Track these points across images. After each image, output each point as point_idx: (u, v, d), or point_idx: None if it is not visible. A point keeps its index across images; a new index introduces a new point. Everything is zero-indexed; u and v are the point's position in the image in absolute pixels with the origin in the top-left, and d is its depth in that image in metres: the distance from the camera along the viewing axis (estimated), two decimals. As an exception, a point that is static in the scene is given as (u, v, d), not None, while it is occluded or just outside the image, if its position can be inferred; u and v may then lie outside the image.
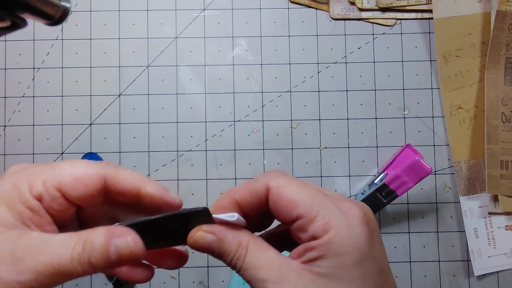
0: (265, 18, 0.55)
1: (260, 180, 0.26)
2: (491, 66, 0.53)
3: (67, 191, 0.25)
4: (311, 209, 0.25)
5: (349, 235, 0.24)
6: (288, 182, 0.26)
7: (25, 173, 0.25)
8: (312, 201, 0.25)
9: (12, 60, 0.54)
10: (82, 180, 0.25)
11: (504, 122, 0.52)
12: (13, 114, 0.54)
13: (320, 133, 0.54)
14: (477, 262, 0.53)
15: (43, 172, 0.25)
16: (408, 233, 0.53)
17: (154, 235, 0.26)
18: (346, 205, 0.25)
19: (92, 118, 0.54)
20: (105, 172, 0.26)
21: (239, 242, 0.25)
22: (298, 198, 0.25)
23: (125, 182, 0.26)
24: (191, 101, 0.54)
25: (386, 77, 0.55)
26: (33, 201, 0.25)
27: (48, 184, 0.25)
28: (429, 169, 0.47)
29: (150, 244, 0.26)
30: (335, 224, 0.24)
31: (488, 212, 0.53)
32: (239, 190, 0.27)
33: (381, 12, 0.55)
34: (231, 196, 0.27)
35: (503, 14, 0.52)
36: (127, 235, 0.24)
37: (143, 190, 0.26)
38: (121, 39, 0.55)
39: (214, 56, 0.55)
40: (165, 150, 0.54)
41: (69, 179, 0.25)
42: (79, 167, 0.26)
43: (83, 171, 0.26)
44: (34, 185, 0.25)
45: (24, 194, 0.24)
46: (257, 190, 0.26)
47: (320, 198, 0.25)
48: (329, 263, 0.24)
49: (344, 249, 0.24)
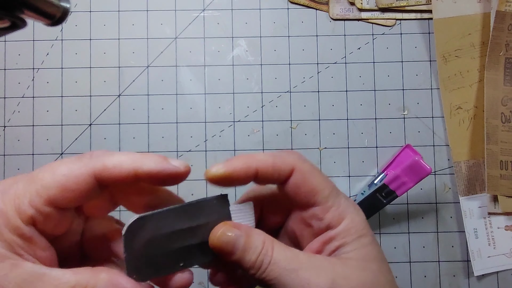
0: (264, 18, 0.55)
1: (286, 158, 0.26)
2: (491, 66, 0.53)
3: (58, 202, 0.23)
4: (328, 199, 0.26)
5: (362, 220, 0.27)
6: (313, 169, 0.27)
7: (8, 196, 0.23)
8: (331, 192, 0.27)
9: (12, 60, 0.54)
10: (69, 187, 0.23)
11: (504, 122, 0.52)
12: (13, 114, 0.54)
13: (319, 133, 0.54)
14: (476, 263, 0.53)
15: (26, 190, 0.23)
16: (408, 233, 0.53)
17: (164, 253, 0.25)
18: (350, 199, 0.28)
19: (91, 119, 0.54)
20: (91, 168, 0.23)
21: (263, 240, 0.25)
22: (321, 187, 0.26)
23: (117, 170, 0.23)
24: (191, 101, 0.54)
25: (386, 78, 0.55)
26: (25, 228, 0.22)
27: (36, 203, 0.22)
28: (429, 170, 0.47)
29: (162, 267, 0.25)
30: (349, 213, 0.26)
31: (487, 212, 0.53)
32: (262, 160, 0.26)
33: (380, 13, 0.55)
34: (250, 163, 0.25)
35: (502, 14, 0.52)
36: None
37: (140, 171, 0.24)
38: (121, 39, 0.55)
39: (214, 57, 0.55)
40: (165, 151, 0.54)
41: (56, 191, 0.23)
42: (61, 172, 0.23)
43: (67, 177, 0.23)
44: (21, 209, 0.22)
45: (12, 221, 0.22)
46: (281, 167, 0.26)
47: (336, 191, 0.27)
48: (353, 247, 0.26)
49: (361, 231, 0.26)
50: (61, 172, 0.23)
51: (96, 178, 0.23)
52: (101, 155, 0.24)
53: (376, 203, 0.50)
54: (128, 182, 0.24)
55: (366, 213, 0.50)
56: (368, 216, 0.51)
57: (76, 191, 0.23)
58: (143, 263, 0.24)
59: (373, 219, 0.53)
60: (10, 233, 0.22)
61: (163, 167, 0.24)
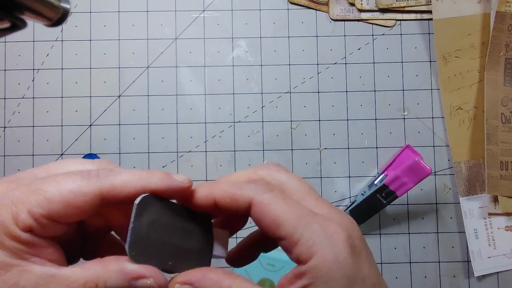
0: (264, 19, 0.55)
1: (246, 190, 0.25)
2: (491, 67, 0.53)
3: (58, 218, 0.22)
4: (295, 231, 0.23)
5: (335, 260, 0.23)
6: (274, 200, 0.24)
7: (5, 203, 0.22)
8: (297, 222, 0.24)
9: (12, 61, 0.54)
10: (75, 204, 0.22)
11: (504, 123, 0.52)
12: (13, 115, 0.54)
13: (320, 134, 0.54)
14: (477, 263, 0.52)
15: (25, 199, 0.22)
16: (408, 234, 0.53)
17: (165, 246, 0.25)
18: (331, 227, 0.24)
19: (92, 119, 0.54)
20: (98, 187, 0.23)
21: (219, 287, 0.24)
22: (282, 218, 0.24)
23: (125, 190, 0.23)
24: (191, 102, 0.54)
25: (386, 78, 0.55)
26: (23, 235, 0.22)
27: (35, 214, 0.22)
28: (429, 170, 0.47)
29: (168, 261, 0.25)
30: (320, 249, 0.23)
31: (488, 213, 0.53)
32: (220, 191, 0.25)
33: (380, 13, 0.55)
34: (210, 194, 0.25)
35: (502, 15, 0.52)
36: (149, 277, 0.23)
37: (148, 189, 0.24)
38: (121, 40, 0.55)
39: (214, 57, 0.55)
40: (165, 151, 0.54)
41: (60, 205, 0.22)
42: (68, 188, 0.22)
43: (74, 195, 0.22)
44: (19, 218, 0.22)
45: (10, 230, 0.22)
46: (238, 200, 0.25)
47: (306, 220, 0.24)
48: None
49: (331, 275, 0.23)
50: (68, 188, 0.22)
51: (103, 197, 0.23)
52: (108, 174, 0.24)
53: (376, 204, 0.50)
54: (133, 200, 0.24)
55: (366, 214, 0.51)
56: (368, 217, 0.51)
57: (80, 208, 0.23)
58: (143, 243, 0.24)
59: (373, 220, 0.53)
60: (12, 240, 0.22)
61: (169, 184, 0.24)
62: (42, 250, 0.23)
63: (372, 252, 0.26)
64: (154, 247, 0.24)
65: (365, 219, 0.51)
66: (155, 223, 0.25)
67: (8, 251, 0.22)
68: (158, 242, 0.25)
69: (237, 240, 0.39)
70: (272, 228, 0.24)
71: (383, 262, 0.53)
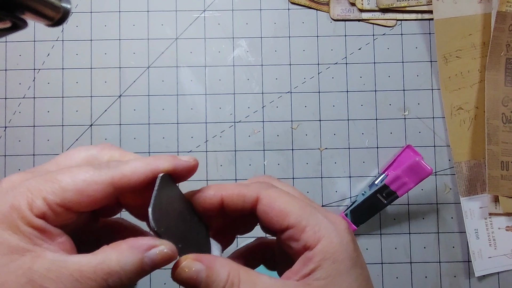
0: (265, 19, 0.55)
1: (252, 187, 0.26)
2: (492, 66, 0.53)
3: (72, 206, 0.23)
4: (301, 218, 0.25)
5: (341, 243, 0.25)
6: (279, 193, 0.26)
7: (21, 190, 0.23)
8: (302, 211, 0.25)
9: (13, 61, 0.54)
10: (88, 193, 0.23)
11: (505, 123, 0.52)
12: (14, 115, 0.54)
13: (320, 134, 0.54)
14: (477, 263, 0.52)
15: (41, 187, 0.23)
16: (408, 234, 0.53)
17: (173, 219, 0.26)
18: (332, 215, 0.26)
19: (92, 119, 0.54)
20: (110, 176, 0.24)
21: (228, 271, 0.25)
22: (289, 208, 0.25)
23: (135, 176, 0.24)
24: (192, 102, 0.54)
25: (387, 78, 0.55)
26: (37, 221, 0.23)
27: (49, 201, 0.23)
28: (430, 170, 0.47)
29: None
30: (326, 233, 0.25)
31: (488, 213, 0.53)
32: (228, 189, 0.27)
33: (381, 13, 0.55)
34: (217, 192, 0.27)
35: (503, 14, 0.52)
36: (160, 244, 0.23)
37: (157, 173, 0.25)
38: (122, 40, 0.55)
39: (215, 57, 0.55)
40: (166, 151, 0.54)
41: (72, 194, 0.23)
42: (81, 178, 0.23)
43: (87, 184, 0.23)
44: (34, 204, 0.22)
45: (25, 215, 0.22)
46: (246, 195, 0.26)
47: (309, 209, 0.26)
48: (326, 272, 0.24)
49: (338, 256, 0.24)
50: (82, 177, 0.23)
51: (114, 185, 0.24)
52: (118, 164, 0.25)
53: (377, 204, 0.50)
54: (143, 185, 0.25)
55: (367, 214, 0.51)
56: (369, 217, 0.51)
57: (93, 197, 0.24)
58: (162, 211, 0.25)
59: (374, 220, 0.53)
60: (26, 226, 0.22)
61: (176, 164, 0.26)
62: (55, 238, 0.23)
63: (372, 252, 0.27)
64: (169, 221, 0.25)
65: (366, 219, 0.51)
66: (172, 202, 0.26)
67: (23, 236, 0.22)
68: (173, 219, 0.25)
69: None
70: (280, 218, 0.25)
71: (383, 262, 0.53)
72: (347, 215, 0.51)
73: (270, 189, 0.26)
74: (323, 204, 0.54)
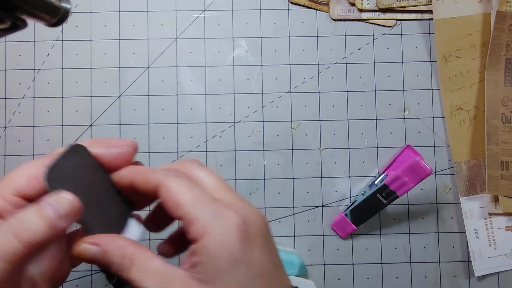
0: (265, 19, 0.55)
1: (157, 174, 0.27)
2: (491, 67, 0.53)
3: (25, 192, 0.26)
4: (191, 211, 0.25)
5: (222, 241, 0.25)
6: (179, 185, 0.26)
7: None
8: (195, 204, 0.26)
9: (12, 61, 0.54)
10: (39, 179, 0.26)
11: (504, 123, 0.52)
12: (13, 115, 0.54)
13: (320, 134, 0.54)
14: (477, 263, 0.52)
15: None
16: (408, 234, 0.53)
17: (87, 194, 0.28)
18: (226, 212, 0.26)
19: (92, 119, 0.54)
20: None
21: (123, 253, 0.26)
22: (183, 200, 0.26)
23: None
24: (191, 102, 0.54)
25: (386, 78, 0.55)
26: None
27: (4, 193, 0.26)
28: (429, 170, 0.47)
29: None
30: (211, 229, 0.25)
31: (488, 213, 0.53)
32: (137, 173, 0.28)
33: (381, 13, 0.55)
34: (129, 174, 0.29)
35: (503, 14, 0.52)
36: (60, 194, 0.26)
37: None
38: (121, 40, 0.55)
39: (214, 57, 0.55)
40: (165, 151, 0.54)
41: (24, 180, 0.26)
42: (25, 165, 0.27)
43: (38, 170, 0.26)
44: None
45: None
46: (149, 182, 0.27)
47: (203, 203, 0.26)
48: (206, 268, 0.25)
49: (217, 253, 0.25)
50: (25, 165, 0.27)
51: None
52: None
53: (377, 204, 0.50)
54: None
55: (367, 214, 0.51)
56: (369, 217, 0.51)
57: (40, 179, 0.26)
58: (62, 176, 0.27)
59: (374, 220, 0.53)
60: None
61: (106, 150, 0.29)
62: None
63: (372, 252, 0.27)
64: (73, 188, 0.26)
65: (366, 219, 0.51)
66: (82, 173, 0.27)
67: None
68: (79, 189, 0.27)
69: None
70: (173, 208, 0.26)
71: (383, 262, 0.53)
72: (347, 215, 0.51)
73: (174, 178, 0.27)
74: (323, 204, 0.54)
